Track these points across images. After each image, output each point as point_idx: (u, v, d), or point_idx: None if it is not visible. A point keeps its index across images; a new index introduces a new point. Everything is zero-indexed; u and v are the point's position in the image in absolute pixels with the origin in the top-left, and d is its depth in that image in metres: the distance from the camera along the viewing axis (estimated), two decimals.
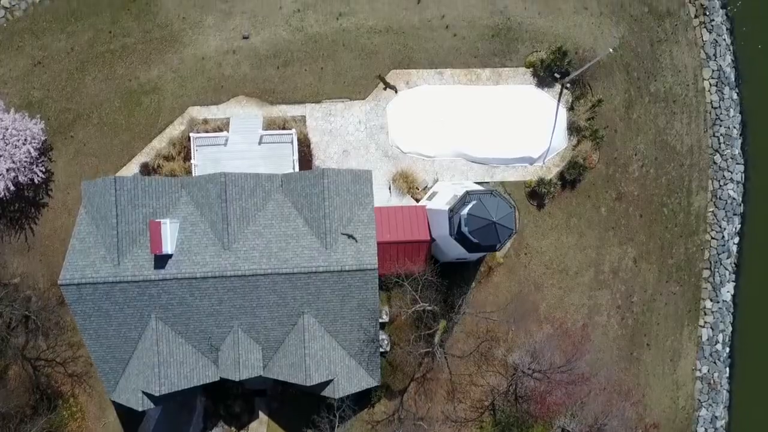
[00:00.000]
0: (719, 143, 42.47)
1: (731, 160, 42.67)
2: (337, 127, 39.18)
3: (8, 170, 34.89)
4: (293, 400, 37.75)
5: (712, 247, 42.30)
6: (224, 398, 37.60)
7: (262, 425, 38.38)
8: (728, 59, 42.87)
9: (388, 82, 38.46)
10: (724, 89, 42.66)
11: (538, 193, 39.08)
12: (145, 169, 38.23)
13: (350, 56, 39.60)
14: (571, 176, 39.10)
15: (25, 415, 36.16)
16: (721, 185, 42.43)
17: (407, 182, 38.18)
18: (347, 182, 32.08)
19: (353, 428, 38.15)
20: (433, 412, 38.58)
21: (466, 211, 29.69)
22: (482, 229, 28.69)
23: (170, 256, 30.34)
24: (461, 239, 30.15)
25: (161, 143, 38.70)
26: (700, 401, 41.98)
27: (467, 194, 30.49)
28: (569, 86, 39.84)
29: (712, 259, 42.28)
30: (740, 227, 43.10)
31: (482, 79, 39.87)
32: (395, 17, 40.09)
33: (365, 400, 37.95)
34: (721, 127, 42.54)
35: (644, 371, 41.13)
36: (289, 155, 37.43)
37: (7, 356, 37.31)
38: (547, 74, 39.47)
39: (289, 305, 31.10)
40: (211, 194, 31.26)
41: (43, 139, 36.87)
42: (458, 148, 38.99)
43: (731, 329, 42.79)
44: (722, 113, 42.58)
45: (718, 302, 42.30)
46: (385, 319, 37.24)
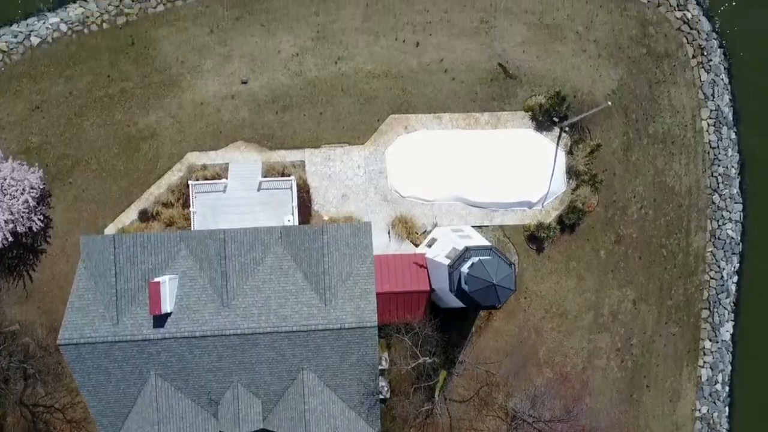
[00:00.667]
0: (718, 183, 42.53)
1: (730, 199, 42.72)
2: (336, 171, 39.20)
3: (6, 222, 34.82)
4: None
5: (711, 287, 42.32)
6: None
7: None
8: (726, 99, 42.96)
9: (508, 70, 37.49)
10: (722, 129, 42.73)
11: (537, 237, 39.11)
12: (143, 215, 38.20)
13: (349, 101, 39.62)
14: (570, 221, 39.14)
15: None
16: (719, 225, 42.47)
17: (406, 227, 38.19)
18: (347, 236, 32.08)
19: None
20: None
21: (466, 268, 29.69)
22: (482, 290, 28.74)
23: (169, 314, 30.28)
24: (461, 296, 30.16)
25: (160, 189, 38.65)
26: None
27: (467, 250, 30.49)
28: (568, 130, 39.91)
29: (711, 299, 42.30)
30: (739, 266, 43.12)
31: (481, 123, 39.92)
32: (394, 61, 40.14)
33: None
34: (719, 166, 42.61)
35: (644, 413, 41.13)
36: (288, 201, 37.39)
37: (5, 404, 37.22)
38: (545, 119, 39.53)
39: (288, 361, 31.07)
40: (210, 250, 31.24)
41: (41, 187, 36.81)
42: (457, 192, 39.01)
43: (730, 368, 42.79)
44: (720, 153, 42.66)
45: (717, 342, 42.32)
46: (384, 365, 37.21)
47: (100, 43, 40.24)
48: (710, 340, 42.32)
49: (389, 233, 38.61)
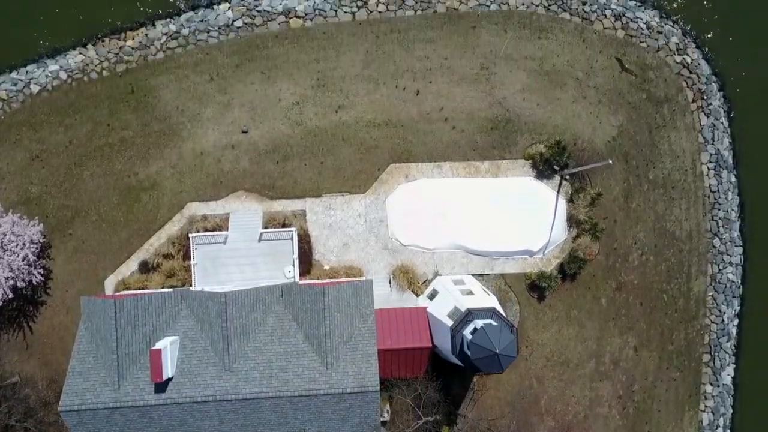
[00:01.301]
0: (718, 227, 42.55)
1: (730, 243, 42.75)
2: (337, 220, 39.15)
3: (6, 279, 34.69)
4: None
5: (711, 331, 42.33)
6: None
7: None
8: (726, 142, 43.02)
9: (626, 66, 36.93)
10: (722, 173, 42.77)
11: (538, 286, 39.07)
12: (144, 267, 38.12)
13: (350, 150, 39.60)
14: (571, 270, 39.11)
15: None
16: (720, 269, 42.48)
17: (407, 277, 38.13)
18: (348, 296, 32.01)
19: None
20: None
21: (468, 333, 29.66)
22: (485, 358, 28.71)
23: (171, 378, 30.17)
24: (463, 360, 30.11)
25: (160, 240, 38.56)
26: None
27: (469, 312, 30.45)
28: (568, 178, 39.89)
29: (712, 343, 42.31)
30: (740, 308, 43.12)
31: (481, 171, 39.90)
32: (394, 110, 40.12)
33: None
34: (719, 210, 42.64)
35: None
36: (289, 252, 37.37)
37: None
38: (546, 167, 39.52)
39: (290, 423, 30.98)
40: (211, 312, 31.14)
41: (41, 241, 36.70)
42: (458, 240, 38.99)
43: (732, 412, 42.80)
44: (720, 197, 42.68)
45: (718, 386, 42.32)
46: (386, 417, 37.12)
47: (99, 91, 40.20)
48: (711, 384, 42.32)
49: (390, 282, 38.55)
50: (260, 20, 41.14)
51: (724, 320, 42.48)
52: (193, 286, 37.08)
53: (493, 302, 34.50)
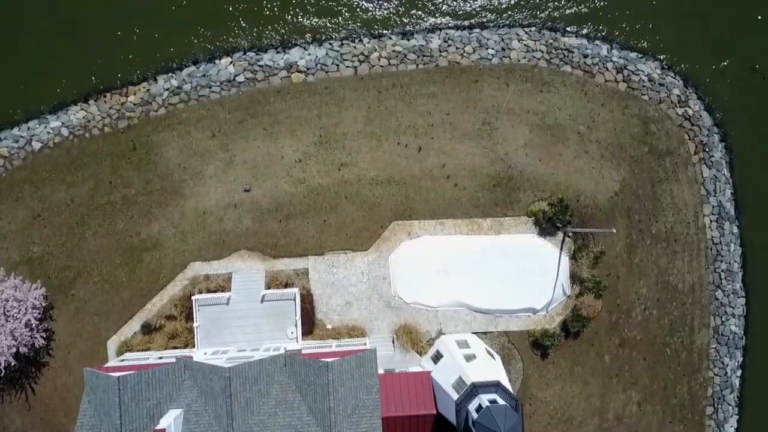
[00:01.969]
0: (721, 279, 42.57)
1: (733, 294, 42.78)
2: (339, 278, 39.09)
3: (9, 347, 34.58)
4: None
5: (714, 383, 42.33)
6: None
7: None
8: (728, 193, 43.07)
9: (756, 68, 36.43)
10: (724, 224, 42.81)
11: (541, 344, 39.03)
12: (146, 328, 38.04)
13: (352, 208, 39.55)
14: (574, 329, 39.07)
15: None
16: (723, 321, 42.49)
17: (411, 338, 38.07)
18: (352, 368, 31.89)
19: None
20: None
21: (473, 411, 29.61)
22: None
23: None
24: None
25: (163, 300, 38.47)
26: None
27: (474, 387, 30.42)
28: (571, 235, 39.88)
29: (715, 395, 42.31)
30: (742, 359, 43.17)
31: (484, 228, 39.88)
32: (396, 167, 40.09)
33: None
34: (722, 262, 42.66)
35: None
36: (291, 312, 37.34)
37: None
38: (549, 225, 39.50)
39: None
40: (215, 386, 31.01)
41: (44, 305, 36.60)
42: (461, 298, 38.96)
43: None
44: (723, 249, 42.71)
45: None
46: None
47: (101, 147, 40.16)
48: None
49: (394, 342, 38.50)
50: (262, 75, 41.15)
51: (727, 372, 42.48)
52: (196, 347, 37.05)
53: (497, 369, 34.47)
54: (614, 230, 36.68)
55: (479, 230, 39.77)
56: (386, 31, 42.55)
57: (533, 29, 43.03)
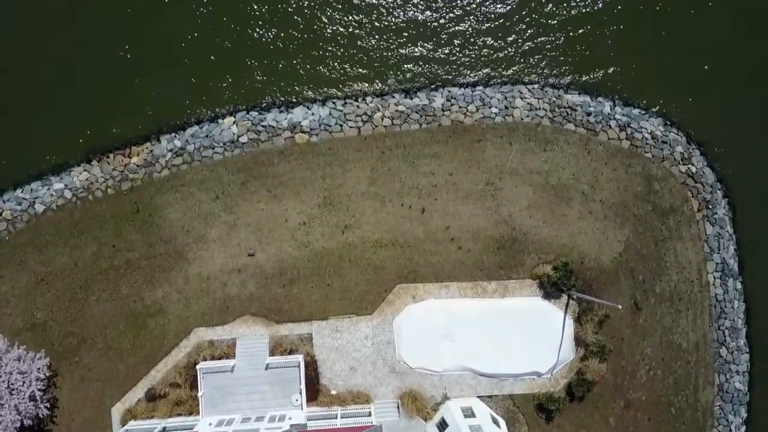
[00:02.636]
0: (725, 336, 42.53)
1: (737, 351, 42.73)
2: (344, 343, 38.99)
3: (13, 421, 34.43)
4: None
5: None
6: None
7: None
8: (731, 250, 43.06)
9: None
10: (728, 281, 42.79)
11: (546, 407, 38.95)
12: (150, 395, 37.88)
13: (356, 272, 39.48)
14: (579, 392, 39.00)
15: None
16: (727, 378, 42.44)
17: (416, 405, 37.95)
18: None
19: None
20: None
21: None
22: None
23: None
24: None
25: (167, 366, 38.35)
26: None
27: None
28: (576, 298, 39.84)
29: None
30: (747, 415, 43.11)
31: (488, 291, 39.82)
32: (400, 229, 40.05)
33: None
34: (726, 320, 42.62)
35: None
36: (296, 379, 37.27)
37: None
38: (553, 289, 39.45)
39: None
40: None
41: (48, 375, 36.47)
42: (466, 363, 38.88)
43: None
44: (726, 306, 42.68)
45: None
46: None
47: (104, 210, 40.07)
48: None
49: (398, 408, 38.38)
50: (265, 136, 41.12)
51: (731, 429, 42.40)
52: (200, 416, 36.94)
53: None
54: (620, 306, 36.68)
55: (484, 293, 39.73)
56: (389, 88, 42.53)
57: (536, 86, 43.07)
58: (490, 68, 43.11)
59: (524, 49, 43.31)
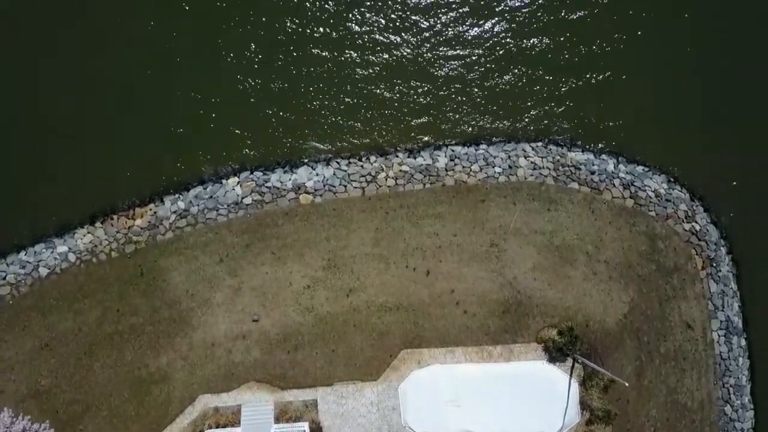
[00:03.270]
0: (729, 394, 42.53)
1: (741, 409, 42.73)
2: (349, 409, 38.91)
3: None
4: None
5: None
6: None
7: None
8: (735, 307, 43.10)
9: None
10: (732, 339, 42.80)
11: None
12: None
13: (361, 337, 39.42)
14: None
15: None
16: None
17: None
18: None
19: None
20: None
21: None
22: None
23: None
24: None
25: None
26: None
27: None
28: (581, 361, 39.81)
29: None
30: None
31: (494, 356, 39.79)
32: (405, 292, 40.01)
33: None
34: (730, 377, 42.63)
35: None
36: None
37: None
38: (558, 354, 39.44)
39: None
40: None
41: None
42: (471, 427, 38.78)
43: None
44: (731, 363, 42.68)
45: None
46: None
47: (109, 273, 39.95)
48: None
49: None
50: (270, 197, 41.11)
51: None
52: None
53: None
54: (627, 384, 36.69)
55: (489, 357, 39.69)
56: (392, 148, 42.58)
57: (540, 144, 43.14)
58: (492, 125, 43.18)
59: (527, 105, 43.46)
